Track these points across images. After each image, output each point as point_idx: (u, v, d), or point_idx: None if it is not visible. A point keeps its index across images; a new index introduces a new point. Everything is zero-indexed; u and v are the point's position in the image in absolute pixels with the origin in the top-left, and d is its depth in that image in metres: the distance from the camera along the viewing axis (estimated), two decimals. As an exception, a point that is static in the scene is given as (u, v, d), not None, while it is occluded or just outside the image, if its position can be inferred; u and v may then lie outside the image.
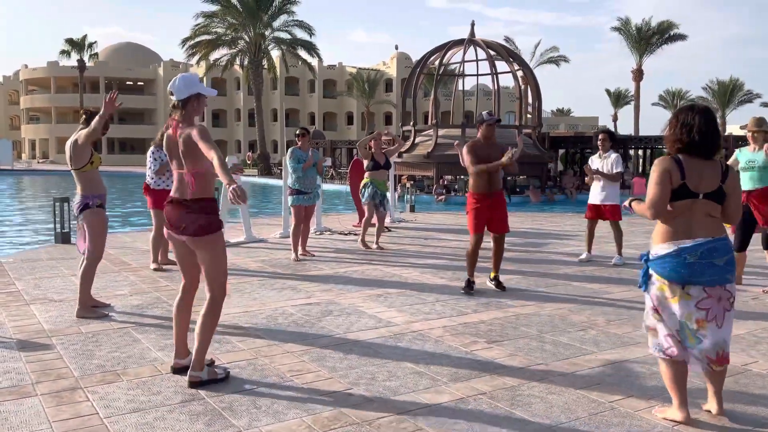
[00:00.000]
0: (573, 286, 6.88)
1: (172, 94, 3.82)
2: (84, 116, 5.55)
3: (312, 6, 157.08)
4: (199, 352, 3.82)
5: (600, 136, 8.36)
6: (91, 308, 5.47)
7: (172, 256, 7.83)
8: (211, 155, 3.56)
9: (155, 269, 7.47)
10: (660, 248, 3.28)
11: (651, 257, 3.32)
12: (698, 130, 3.23)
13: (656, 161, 3.33)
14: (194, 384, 3.80)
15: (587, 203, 8.50)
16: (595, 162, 8.33)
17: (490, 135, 6.46)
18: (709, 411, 3.46)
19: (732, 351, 4.52)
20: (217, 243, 3.82)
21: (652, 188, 3.28)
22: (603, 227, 8.66)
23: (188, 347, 4.08)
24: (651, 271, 3.32)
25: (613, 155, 8.25)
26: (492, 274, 6.72)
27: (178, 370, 4.02)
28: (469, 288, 6.49)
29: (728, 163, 6.62)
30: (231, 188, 3.35)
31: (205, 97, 3.88)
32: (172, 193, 3.90)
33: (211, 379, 3.84)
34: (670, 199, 3.24)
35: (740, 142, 17.63)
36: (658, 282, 3.30)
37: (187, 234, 3.78)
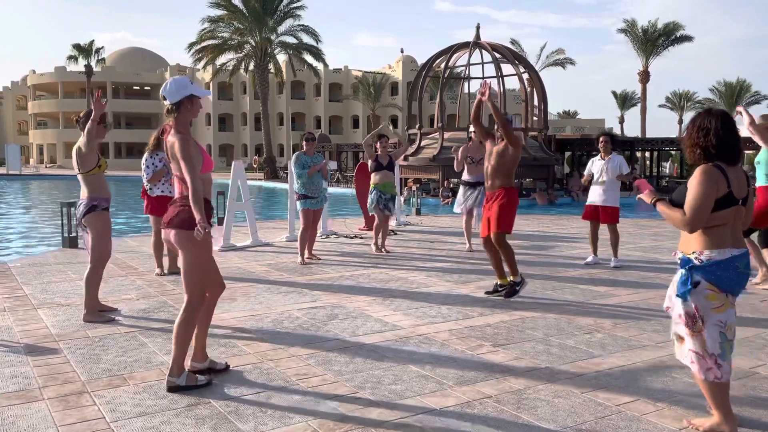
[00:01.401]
0: (579, 288, 6.86)
1: (165, 98, 3.80)
2: (77, 124, 5.57)
3: (318, 10, 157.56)
4: (175, 358, 3.81)
5: (601, 139, 8.28)
6: (98, 312, 5.48)
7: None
8: (188, 181, 3.63)
9: (159, 275, 7.46)
10: (714, 254, 3.11)
11: (700, 263, 3.13)
12: (715, 133, 3.15)
13: (701, 170, 3.13)
14: (171, 389, 3.79)
15: (585, 204, 8.46)
16: (596, 164, 8.28)
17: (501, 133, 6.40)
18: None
19: (740, 354, 4.52)
20: (193, 241, 3.70)
21: (698, 199, 3.07)
22: (605, 229, 8.59)
23: (206, 352, 4.11)
24: (699, 278, 3.13)
25: (618, 157, 8.20)
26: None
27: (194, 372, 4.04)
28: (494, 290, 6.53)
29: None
30: (198, 225, 3.54)
31: (198, 99, 3.84)
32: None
33: (190, 385, 3.82)
34: (716, 208, 3.10)
35: (747, 143, 17.55)
36: (708, 291, 3.13)
37: (168, 227, 3.78)
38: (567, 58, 51.07)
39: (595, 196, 8.28)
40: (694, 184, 3.12)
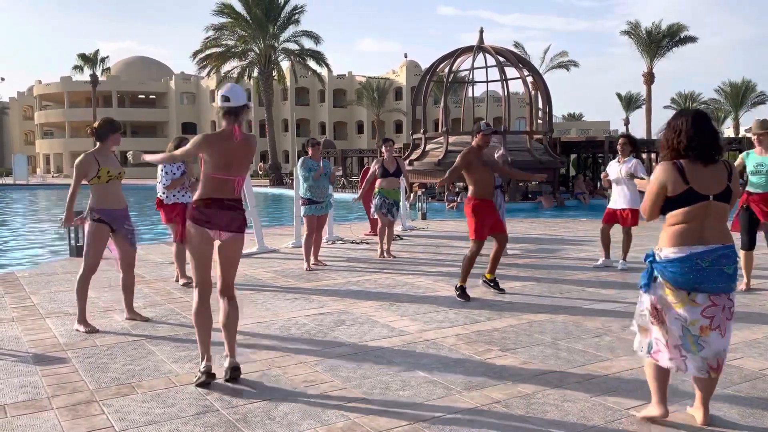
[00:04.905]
0: (587, 292, 6.83)
1: (228, 100, 4.06)
2: (90, 132, 5.59)
3: (321, 16, 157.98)
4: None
5: (620, 141, 8.16)
6: (86, 323, 5.40)
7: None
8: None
9: (185, 284, 7.24)
10: (670, 252, 3.22)
11: (659, 259, 3.27)
12: (687, 134, 3.21)
13: (659, 167, 3.29)
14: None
15: (607, 208, 8.38)
16: (613, 167, 8.18)
17: (484, 144, 6.66)
18: (692, 415, 3.43)
19: (749, 355, 4.49)
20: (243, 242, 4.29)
21: (648, 196, 3.31)
22: (615, 232, 8.55)
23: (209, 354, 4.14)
24: (656, 274, 3.28)
25: (634, 160, 8.05)
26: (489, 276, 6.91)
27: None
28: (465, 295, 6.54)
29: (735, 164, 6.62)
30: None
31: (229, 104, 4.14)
32: (209, 195, 4.06)
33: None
34: (681, 204, 3.20)
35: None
36: (664, 286, 3.25)
37: (232, 230, 4.08)
38: (571, 60, 51.11)
39: (616, 199, 8.17)
40: (651, 179, 3.31)
